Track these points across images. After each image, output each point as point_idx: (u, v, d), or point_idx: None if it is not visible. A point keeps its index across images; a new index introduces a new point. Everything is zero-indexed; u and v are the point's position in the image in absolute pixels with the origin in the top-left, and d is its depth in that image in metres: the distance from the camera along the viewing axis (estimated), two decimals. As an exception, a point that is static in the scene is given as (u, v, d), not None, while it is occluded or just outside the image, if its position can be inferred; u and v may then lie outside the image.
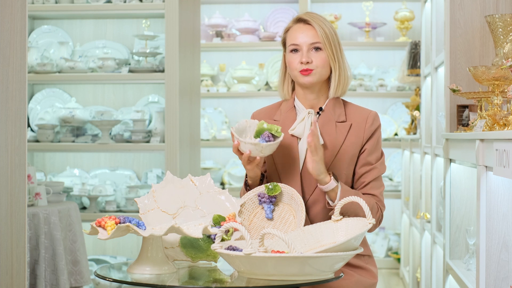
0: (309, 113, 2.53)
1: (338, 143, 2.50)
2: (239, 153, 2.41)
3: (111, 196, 4.99)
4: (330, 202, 2.44)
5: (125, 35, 5.17)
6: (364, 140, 2.52)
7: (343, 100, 2.59)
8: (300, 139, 2.53)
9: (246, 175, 2.52)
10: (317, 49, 2.50)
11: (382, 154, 2.56)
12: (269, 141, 2.39)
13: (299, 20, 2.54)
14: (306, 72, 2.49)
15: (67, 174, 5.15)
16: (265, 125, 2.42)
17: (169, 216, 2.37)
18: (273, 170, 2.55)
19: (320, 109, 2.56)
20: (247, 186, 2.54)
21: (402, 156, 6.41)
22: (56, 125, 4.96)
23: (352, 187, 2.54)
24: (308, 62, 2.48)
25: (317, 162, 2.38)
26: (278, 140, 2.40)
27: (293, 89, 2.61)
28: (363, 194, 2.49)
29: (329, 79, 2.56)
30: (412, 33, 6.93)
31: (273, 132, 2.41)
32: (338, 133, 2.51)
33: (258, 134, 2.43)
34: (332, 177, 2.41)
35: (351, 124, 2.53)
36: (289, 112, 2.58)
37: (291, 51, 2.52)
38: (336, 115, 2.53)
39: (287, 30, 2.56)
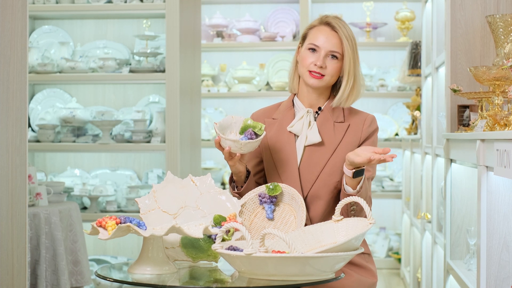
0: (308, 111, 2.57)
1: (336, 142, 2.55)
2: (221, 148, 2.43)
3: (112, 196, 4.99)
4: (348, 188, 2.43)
5: (125, 35, 5.17)
6: (360, 141, 2.57)
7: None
8: (298, 136, 2.57)
9: None
10: (334, 57, 2.51)
11: None
12: (251, 138, 2.40)
13: (327, 23, 2.55)
14: (317, 75, 2.51)
15: (68, 174, 5.15)
16: (250, 122, 2.43)
17: (169, 216, 2.37)
18: (271, 167, 2.58)
19: (319, 108, 2.59)
20: (233, 182, 2.56)
21: (403, 156, 6.41)
22: (57, 125, 4.96)
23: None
24: (322, 67, 2.50)
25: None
26: (259, 139, 2.41)
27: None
28: None
29: (335, 83, 2.59)
30: (413, 33, 6.92)
31: (256, 130, 2.42)
32: (336, 132, 2.55)
33: (243, 131, 2.44)
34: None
35: (349, 125, 2.58)
36: (288, 111, 2.62)
37: (309, 49, 2.53)
38: (335, 116, 2.58)
39: (311, 27, 2.58)
